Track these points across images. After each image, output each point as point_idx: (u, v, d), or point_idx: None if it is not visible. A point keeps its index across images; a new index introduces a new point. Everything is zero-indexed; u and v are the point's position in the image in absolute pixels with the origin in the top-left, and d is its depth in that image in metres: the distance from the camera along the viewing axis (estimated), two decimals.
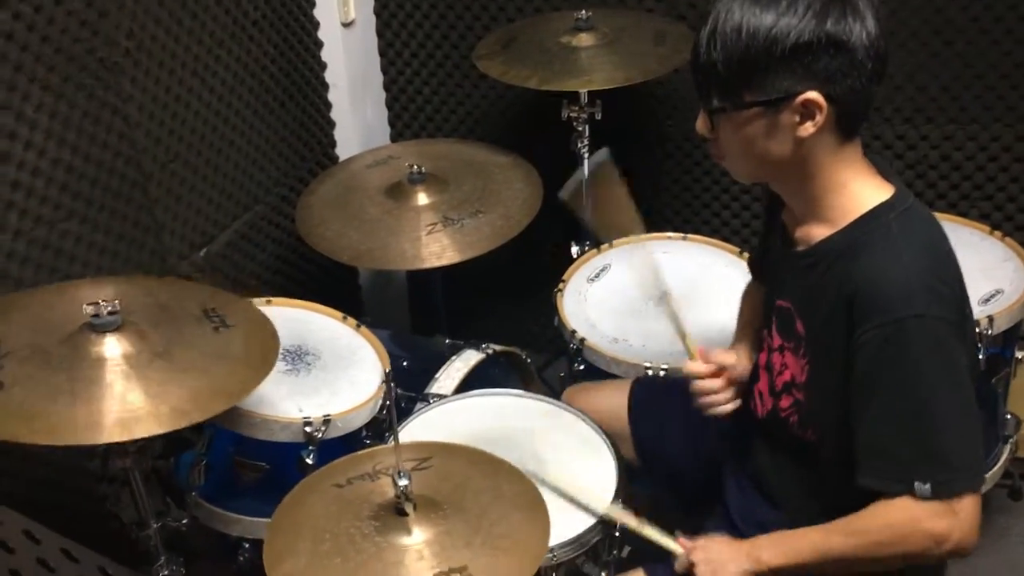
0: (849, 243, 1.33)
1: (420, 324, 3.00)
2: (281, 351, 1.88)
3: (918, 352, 1.25)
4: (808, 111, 1.27)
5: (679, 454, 1.76)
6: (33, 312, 1.52)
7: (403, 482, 1.29)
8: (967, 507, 1.27)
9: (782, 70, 1.26)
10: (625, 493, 1.63)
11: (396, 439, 1.37)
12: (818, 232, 1.38)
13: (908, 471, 1.27)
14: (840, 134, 1.31)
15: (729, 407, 1.60)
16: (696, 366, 1.61)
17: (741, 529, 1.56)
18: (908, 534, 1.29)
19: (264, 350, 1.56)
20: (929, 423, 1.27)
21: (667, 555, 1.54)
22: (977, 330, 1.82)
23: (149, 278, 1.96)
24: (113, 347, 1.44)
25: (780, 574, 1.41)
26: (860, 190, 1.35)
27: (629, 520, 1.56)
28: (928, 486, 1.26)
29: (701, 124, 1.37)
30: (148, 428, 1.36)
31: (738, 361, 1.62)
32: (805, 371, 1.42)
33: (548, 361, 2.69)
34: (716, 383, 1.60)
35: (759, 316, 1.62)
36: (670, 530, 1.54)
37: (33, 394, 1.36)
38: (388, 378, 1.54)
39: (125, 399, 1.38)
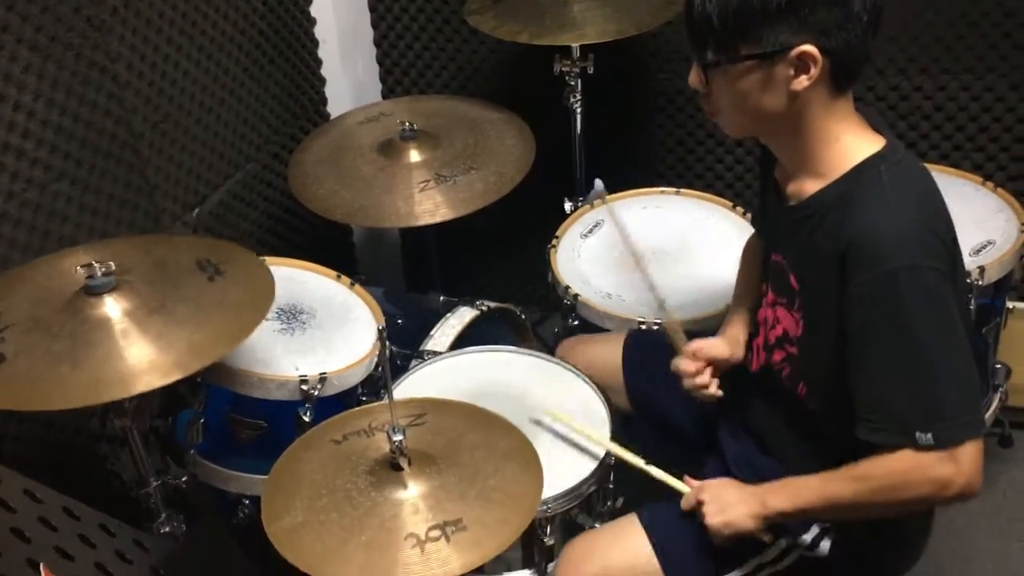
0: (840, 195, 1.33)
1: (414, 281, 3.00)
2: (276, 310, 1.91)
3: (911, 302, 1.25)
4: (803, 64, 1.27)
5: (673, 406, 1.78)
6: (32, 284, 1.54)
7: (398, 437, 1.31)
8: (969, 453, 1.27)
9: (778, 22, 1.25)
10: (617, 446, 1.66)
11: (390, 395, 1.38)
12: (810, 186, 1.38)
13: (908, 422, 1.28)
14: (834, 88, 1.31)
15: (714, 394, 1.63)
16: (685, 364, 1.63)
17: (736, 475, 1.58)
18: (913, 481, 1.30)
19: (258, 292, 1.57)
20: (927, 373, 1.28)
21: (660, 496, 1.56)
22: (968, 280, 1.84)
23: (143, 236, 1.97)
24: (110, 308, 1.45)
25: (787, 518, 1.43)
26: (852, 143, 1.34)
27: (635, 460, 1.59)
28: (930, 435, 1.26)
29: (694, 78, 1.36)
30: (149, 382, 1.37)
31: (731, 353, 1.64)
32: (800, 325, 1.42)
33: (543, 317, 2.71)
34: (704, 378, 1.62)
35: (757, 281, 1.64)
36: (675, 473, 1.56)
37: (36, 363, 1.39)
38: (382, 335, 1.55)
39: (125, 356, 1.40)
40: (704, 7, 1.28)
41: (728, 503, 1.45)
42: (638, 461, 1.59)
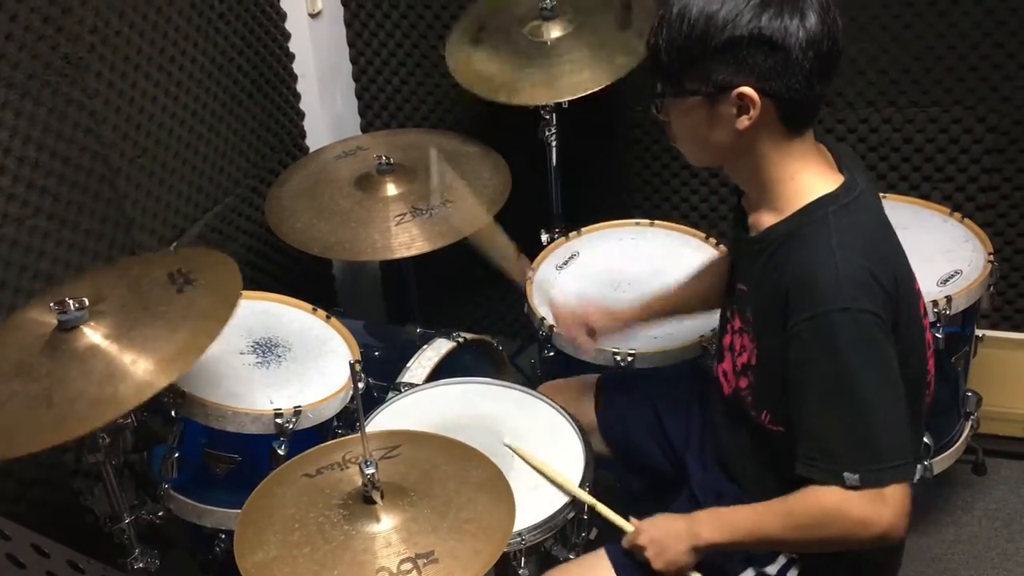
0: (789, 232, 1.35)
1: (395, 313, 3.01)
2: (251, 344, 1.92)
3: (844, 344, 1.27)
4: (744, 105, 1.29)
5: (644, 441, 1.80)
6: (21, 330, 1.55)
7: (370, 470, 1.31)
8: (895, 496, 1.28)
9: (718, 62, 1.28)
10: (593, 475, 1.66)
11: (362, 428, 1.38)
12: (767, 219, 1.40)
13: (836, 461, 1.29)
14: (787, 129, 1.33)
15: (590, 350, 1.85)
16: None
17: (702, 503, 1.59)
18: (836, 519, 1.30)
19: (224, 296, 1.59)
20: (855, 414, 1.28)
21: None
22: (936, 310, 1.87)
23: (118, 260, 1.98)
24: (84, 340, 1.46)
25: (721, 548, 1.44)
26: (807, 180, 1.36)
27: (587, 497, 1.60)
28: (857, 476, 1.27)
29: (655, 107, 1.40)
30: (117, 409, 1.39)
31: (611, 320, 1.82)
32: (754, 355, 1.45)
33: (521, 347, 2.72)
34: (581, 338, 1.83)
35: (708, 288, 1.75)
36: (625, 513, 1.58)
37: (14, 410, 1.40)
38: (354, 368, 1.56)
39: (98, 385, 1.41)
40: (656, 40, 1.32)
41: (665, 544, 1.47)
42: (588, 499, 1.60)
